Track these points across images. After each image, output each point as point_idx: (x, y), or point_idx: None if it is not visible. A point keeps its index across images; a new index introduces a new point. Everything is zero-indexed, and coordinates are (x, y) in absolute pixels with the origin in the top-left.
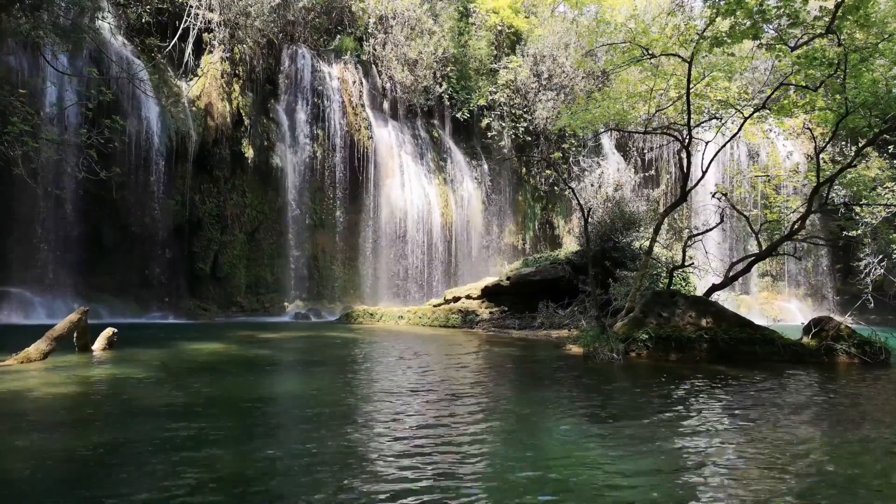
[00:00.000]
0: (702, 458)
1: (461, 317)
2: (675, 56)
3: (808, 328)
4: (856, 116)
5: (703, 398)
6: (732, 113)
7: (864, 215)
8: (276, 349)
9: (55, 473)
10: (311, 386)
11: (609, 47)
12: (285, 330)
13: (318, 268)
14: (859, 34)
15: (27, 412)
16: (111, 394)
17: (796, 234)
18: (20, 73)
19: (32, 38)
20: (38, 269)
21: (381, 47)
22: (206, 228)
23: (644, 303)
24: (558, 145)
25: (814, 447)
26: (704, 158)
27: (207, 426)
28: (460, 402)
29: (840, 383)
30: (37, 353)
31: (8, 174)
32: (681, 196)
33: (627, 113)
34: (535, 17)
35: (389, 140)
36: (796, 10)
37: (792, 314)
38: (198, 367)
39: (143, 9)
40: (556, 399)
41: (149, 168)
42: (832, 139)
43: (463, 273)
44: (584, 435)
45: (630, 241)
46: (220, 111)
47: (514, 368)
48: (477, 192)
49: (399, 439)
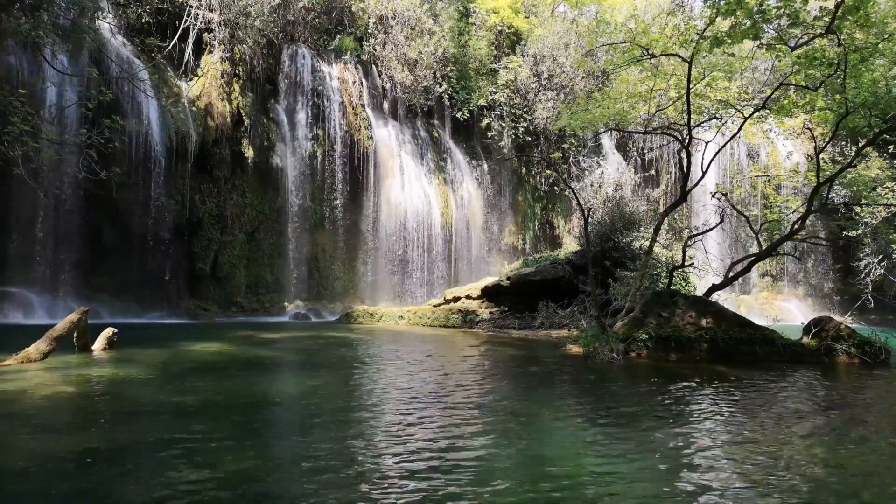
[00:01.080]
0: (702, 458)
1: (461, 317)
2: (675, 56)
3: (808, 328)
4: (856, 116)
5: (702, 398)
6: (732, 113)
7: (864, 215)
8: (276, 349)
9: (55, 473)
10: (311, 386)
11: (609, 47)
12: (285, 330)
13: (318, 268)
14: (859, 34)
15: (27, 412)
16: (111, 394)
17: (796, 234)
18: (20, 73)
19: (32, 38)
20: (38, 269)
21: (381, 47)
22: (206, 228)
23: (644, 303)
24: (558, 145)
25: (814, 448)
26: (704, 158)
27: (207, 426)
28: (459, 401)
29: (840, 383)
30: (37, 353)
31: (8, 174)
32: (681, 196)
33: (627, 113)
34: (535, 17)
35: (389, 140)
36: (796, 10)
37: (792, 314)
38: (198, 367)
39: (143, 9)
40: (556, 399)
41: (149, 168)
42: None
43: (463, 273)
44: (583, 435)
45: (630, 241)
46: (220, 111)
47: (513, 368)
48: (477, 192)
49: (399, 439)
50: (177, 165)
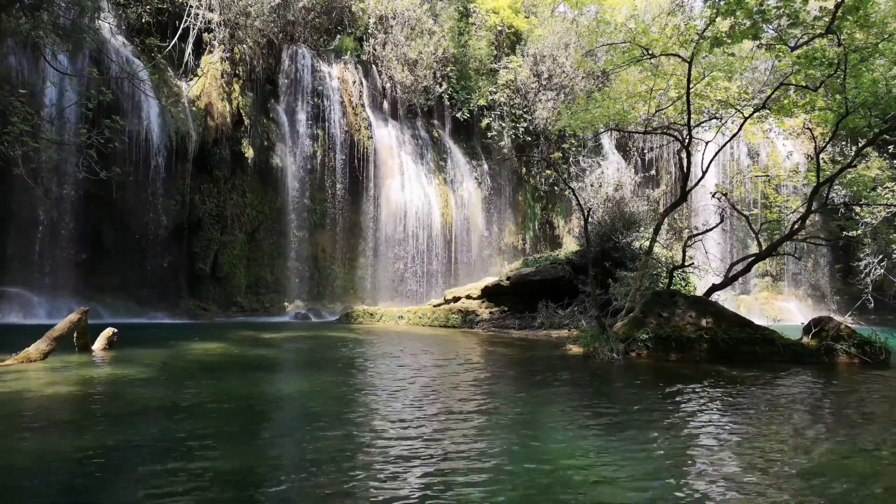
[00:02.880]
0: (701, 459)
1: (461, 317)
2: (675, 56)
3: (808, 328)
4: (856, 116)
5: (702, 398)
6: (732, 113)
7: (864, 215)
8: (276, 349)
9: (55, 473)
10: (311, 386)
11: (609, 47)
12: (285, 330)
13: (318, 268)
14: (859, 34)
15: (27, 412)
16: (111, 394)
17: (796, 234)
18: (20, 73)
19: (32, 38)
20: (38, 269)
21: (381, 47)
22: (206, 228)
23: (644, 303)
24: (558, 145)
25: (814, 448)
26: (704, 158)
27: (207, 426)
28: (459, 401)
29: (840, 384)
30: (37, 353)
31: (8, 174)
32: (681, 196)
33: (627, 113)
34: (535, 17)
35: (389, 140)
36: (796, 10)
37: (792, 314)
38: (198, 367)
39: (143, 9)
40: (555, 399)
41: (149, 168)
42: (832, 139)
43: (463, 273)
44: (582, 435)
45: (630, 241)
46: (220, 111)
47: (513, 368)
48: (477, 192)
49: (399, 439)
50: (177, 165)
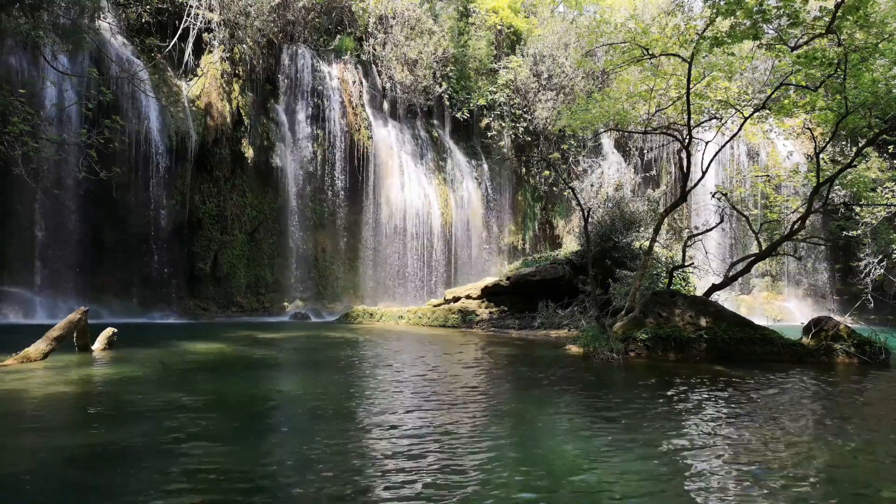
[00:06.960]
0: (700, 459)
1: (461, 317)
2: (675, 56)
3: (807, 328)
4: (856, 116)
5: (702, 398)
6: (732, 113)
7: (864, 215)
8: (276, 349)
9: (55, 473)
10: (311, 386)
11: (609, 47)
12: (285, 330)
13: (318, 268)
14: (859, 34)
15: (27, 412)
16: (111, 394)
17: (796, 234)
18: (20, 73)
19: (32, 38)
20: (38, 269)
21: (381, 47)
22: (206, 228)
23: (644, 303)
24: (558, 145)
25: (814, 448)
26: (704, 158)
27: (207, 426)
28: (459, 401)
29: (839, 383)
30: (37, 353)
31: (8, 174)
32: (681, 196)
33: (627, 113)
34: (534, 17)
35: (389, 140)
36: (796, 10)
37: (792, 314)
38: (198, 367)
39: (143, 9)
40: (555, 399)
41: (149, 168)
42: (832, 139)
43: (463, 273)
44: (582, 435)
45: (630, 241)
46: (220, 111)
47: (513, 368)
48: (477, 192)
49: (398, 440)
50: (177, 165)
